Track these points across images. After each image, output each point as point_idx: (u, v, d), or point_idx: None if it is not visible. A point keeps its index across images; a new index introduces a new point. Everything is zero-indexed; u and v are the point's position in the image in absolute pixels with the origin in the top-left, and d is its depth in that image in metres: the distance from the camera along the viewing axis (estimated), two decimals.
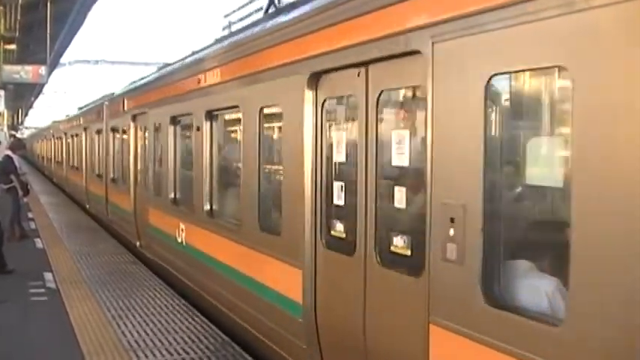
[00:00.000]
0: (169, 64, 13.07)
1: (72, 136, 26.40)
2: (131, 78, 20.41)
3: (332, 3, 5.77)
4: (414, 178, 4.94)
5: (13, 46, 28.42)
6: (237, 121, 8.13)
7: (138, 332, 8.16)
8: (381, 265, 5.13)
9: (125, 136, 15.17)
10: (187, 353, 7.42)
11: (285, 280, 6.55)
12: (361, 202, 5.30)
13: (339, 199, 5.78)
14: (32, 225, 18.03)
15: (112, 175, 17.07)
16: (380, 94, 5.17)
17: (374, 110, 5.21)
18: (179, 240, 10.23)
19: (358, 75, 5.38)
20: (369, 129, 5.25)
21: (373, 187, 5.20)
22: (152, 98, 12.44)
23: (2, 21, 26.53)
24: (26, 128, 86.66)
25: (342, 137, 5.86)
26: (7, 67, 27.86)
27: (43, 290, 10.44)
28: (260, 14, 8.84)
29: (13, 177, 15.75)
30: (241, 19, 9.57)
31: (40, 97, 67.58)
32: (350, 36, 5.41)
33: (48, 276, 11.41)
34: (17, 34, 27.75)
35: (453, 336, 4.18)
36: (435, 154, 4.32)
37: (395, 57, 4.89)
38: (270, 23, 7.40)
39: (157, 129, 12.06)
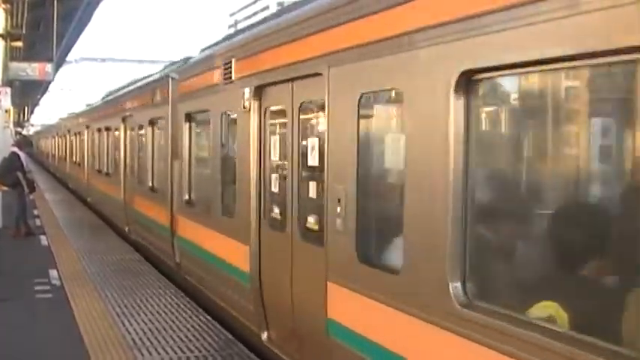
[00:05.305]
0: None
1: (98, 130, 21.20)
2: (137, 76, 20.51)
3: None
4: None
5: (19, 44, 28.47)
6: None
7: (142, 330, 8.18)
8: None
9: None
10: (191, 351, 7.43)
11: None
12: None
13: None
14: (38, 222, 18.08)
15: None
16: None
17: None
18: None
19: None
20: None
21: None
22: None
23: (9, 18, 26.58)
24: (32, 125, 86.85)
25: None
26: (14, 64, 27.90)
27: (48, 287, 10.47)
28: (266, 13, 8.86)
29: (19, 174, 15.80)
30: (247, 18, 9.59)
31: (46, 94, 67.80)
32: None
33: (53, 273, 11.44)
34: (24, 31, 27.80)
35: None
36: None
37: None
38: None
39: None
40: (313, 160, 6.21)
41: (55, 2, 26.08)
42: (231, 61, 8.17)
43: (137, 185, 14.80)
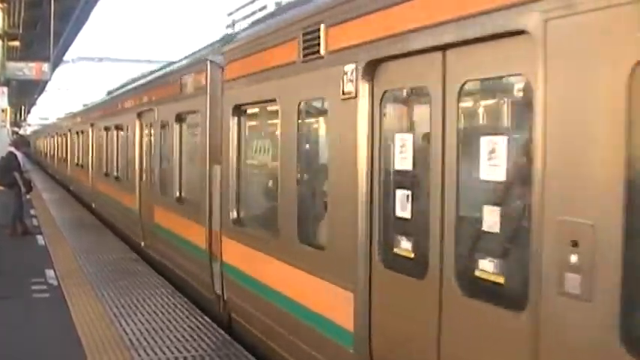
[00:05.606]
0: None
1: (106, 129, 19.03)
2: (134, 75, 20.44)
3: None
4: None
5: (16, 43, 28.49)
6: None
7: (139, 330, 8.16)
8: None
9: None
10: (188, 351, 7.41)
11: None
12: None
13: None
14: (34, 222, 18.05)
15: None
16: None
17: None
18: None
19: None
20: None
21: None
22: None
23: (6, 18, 26.58)
24: (29, 125, 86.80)
25: None
26: (11, 64, 27.93)
27: (45, 287, 10.45)
28: (263, 12, 8.81)
29: (16, 174, 15.78)
30: (245, 18, 9.53)
31: (43, 94, 67.78)
32: None
33: (50, 273, 11.42)
34: (21, 30, 27.83)
35: None
36: None
37: None
38: None
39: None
40: (492, 171, 4.11)
41: (52, 2, 26.07)
42: (318, 29, 5.95)
43: (158, 194, 12.44)
